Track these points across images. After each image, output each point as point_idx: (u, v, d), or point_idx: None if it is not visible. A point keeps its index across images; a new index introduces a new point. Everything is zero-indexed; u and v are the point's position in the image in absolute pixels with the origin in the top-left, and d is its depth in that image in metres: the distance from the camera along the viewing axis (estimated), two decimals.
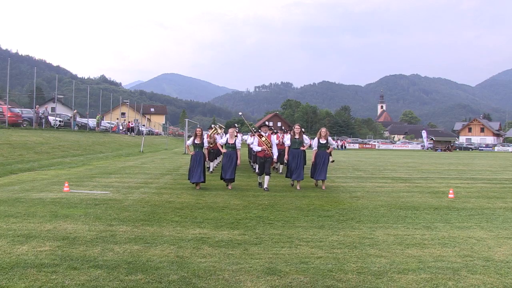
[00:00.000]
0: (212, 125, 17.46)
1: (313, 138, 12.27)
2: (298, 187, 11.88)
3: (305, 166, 12.60)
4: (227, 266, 4.90)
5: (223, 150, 11.93)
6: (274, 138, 12.33)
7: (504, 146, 76.88)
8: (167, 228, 6.73)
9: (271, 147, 11.82)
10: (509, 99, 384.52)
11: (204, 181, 11.42)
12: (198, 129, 11.71)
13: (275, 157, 11.92)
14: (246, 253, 5.44)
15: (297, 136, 12.01)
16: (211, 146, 15.22)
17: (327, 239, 6.25)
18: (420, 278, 4.62)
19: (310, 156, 12.67)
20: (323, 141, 11.93)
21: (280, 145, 14.41)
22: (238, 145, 11.75)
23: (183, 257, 5.20)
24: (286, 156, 12.22)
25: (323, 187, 12.10)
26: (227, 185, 11.76)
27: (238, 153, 11.66)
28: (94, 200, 9.22)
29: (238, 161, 11.64)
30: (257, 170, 15.95)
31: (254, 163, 16.57)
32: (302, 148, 12.01)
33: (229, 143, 11.74)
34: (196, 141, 11.47)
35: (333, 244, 6.00)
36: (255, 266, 4.93)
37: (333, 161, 13.53)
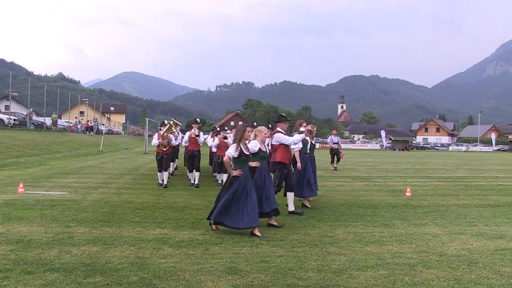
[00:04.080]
0: (166, 121, 12.74)
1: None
2: (308, 204, 9.08)
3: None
4: (188, 266, 4.87)
5: (254, 164, 6.88)
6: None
7: (458, 146, 79.95)
8: (127, 229, 6.62)
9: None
10: (462, 100, 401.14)
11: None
12: (247, 131, 6.73)
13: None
14: (207, 253, 5.42)
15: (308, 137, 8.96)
16: (165, 150, 11.74)
17: (287, 238, 6.31)
18: (379, 275, 4.73)
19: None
20: (313, 141, 9.53)
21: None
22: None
23: (143, 258, 5.13)
24: (298, 164, 8.72)
25: (307, 204, 9.12)
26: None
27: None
28: (51, 201, 8.94)
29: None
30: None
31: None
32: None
33: (263, 152, 7.07)
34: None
35: (293, 242, 6.06)
36: (216, 266, 4.92)
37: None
